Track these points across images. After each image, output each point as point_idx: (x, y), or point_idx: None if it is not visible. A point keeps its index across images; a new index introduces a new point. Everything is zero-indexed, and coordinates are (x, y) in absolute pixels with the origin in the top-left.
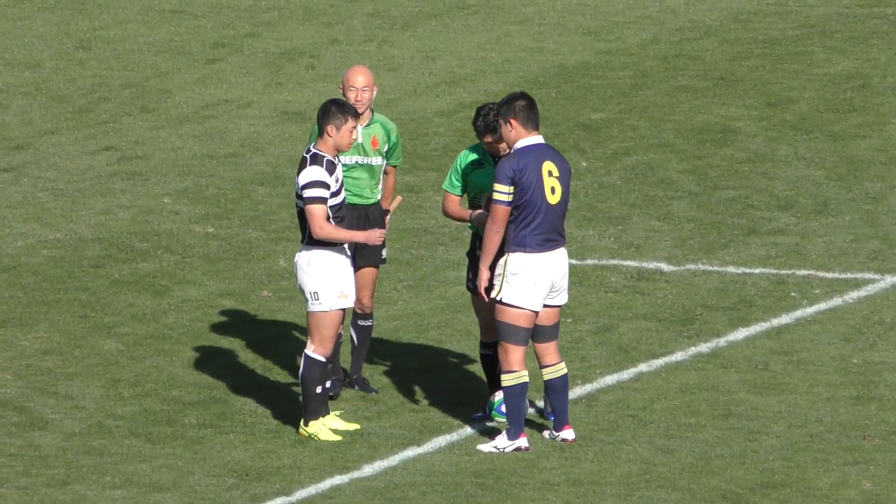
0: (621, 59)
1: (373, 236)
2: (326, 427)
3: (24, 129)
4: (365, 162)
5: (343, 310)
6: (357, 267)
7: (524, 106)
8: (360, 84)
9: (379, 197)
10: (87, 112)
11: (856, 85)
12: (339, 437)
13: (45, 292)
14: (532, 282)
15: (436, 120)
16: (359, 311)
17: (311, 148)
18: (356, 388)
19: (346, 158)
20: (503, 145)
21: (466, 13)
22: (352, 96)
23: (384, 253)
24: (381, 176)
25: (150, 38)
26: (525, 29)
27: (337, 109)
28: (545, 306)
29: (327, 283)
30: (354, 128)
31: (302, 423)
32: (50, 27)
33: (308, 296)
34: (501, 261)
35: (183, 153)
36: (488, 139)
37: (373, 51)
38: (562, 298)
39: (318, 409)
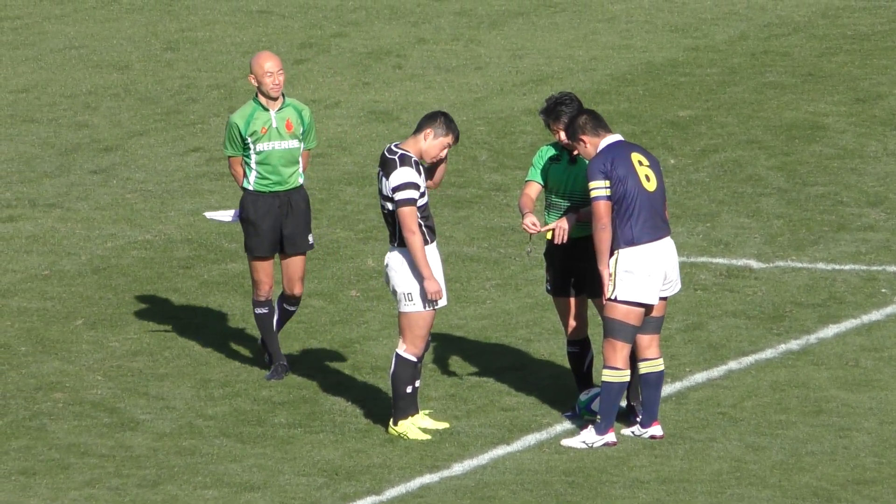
0: (709, 56)
1: (433, 286)
2: (416, 426)
3: (112, 130)
4: (282, 146)
5: (435, 310)
6: (285, 256)
7: (587, 119)
8: (275, 68)
9: (301, 182)
10: (175, 113)
11: None
12: (428, 436)
13: (135, 293)
14: (646, 275)
15: (523, 118)
16: (288, 295)
17: (395, 147)
18: (267, 360)
19: (263, 145)
20: (563, 140)
21: (553, 11)
22: (269, 81)
23: (311, 239)
24: (300, 160)
25: (237, 39)
26: (612, 26)
27: (444, 122)
28: None
29: (421, 283)
30: (449, 147)
31: (391, 423)
32: (138, 28)
33: (401, 296)
34: (612, 259)
35: None
36: (553, 127)
37: (459, 49)
38: (673, 289)
39: (407, 408)
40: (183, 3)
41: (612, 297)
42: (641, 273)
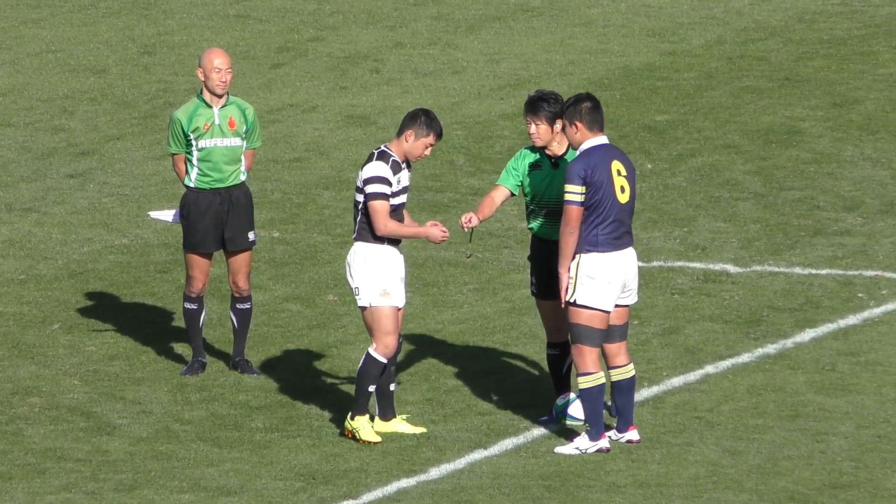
0: (686, 61)
1: (434, 233)
2: (369, 425)
3: (89, 134)
4: (224, 143)
5: (397, 308)
6: (229, 254)
7: (590, 108)
8: (225, 65)
9: (242, 179)
10: (152, 117)
11: None
12: (378, 439)
13: (112, 298)
14: (606, 282)
15: (500, 123)
16: (236, 295)
17: (382, 146)
18: (239, 370)
19: (205, 141)
20: (533, 133)
21: (530, 15)
22: (216, 77)
23: (251, 236)
24: (242, 159)
25: (214, 43)
26: (589, 31)
27: (425, 121)
28: (616, 305)
29: (369, 278)
30: (432, 146)
31: (349, 416)
32: (115, 33)
33: (353, 290)
34: (574, 262)
35: None
36: (528, 118)
37: (437, 54)
38: (632, 298)
39: (366, 405)
40: (160, 7)
41: (572, 301)
42: (602, 280)
